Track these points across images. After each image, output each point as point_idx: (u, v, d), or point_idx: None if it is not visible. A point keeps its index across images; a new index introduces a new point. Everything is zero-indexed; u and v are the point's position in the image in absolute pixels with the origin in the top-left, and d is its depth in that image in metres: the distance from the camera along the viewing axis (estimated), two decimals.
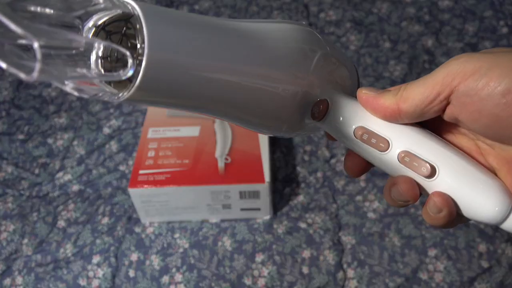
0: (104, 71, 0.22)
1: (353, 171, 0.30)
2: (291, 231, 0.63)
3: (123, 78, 0.21)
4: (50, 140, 0.77)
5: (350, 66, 0.32)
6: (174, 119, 0.68)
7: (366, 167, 0.30)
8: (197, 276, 0.60)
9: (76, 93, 0.21)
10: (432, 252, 0.60)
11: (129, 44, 0.22)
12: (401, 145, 0.27)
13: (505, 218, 0.25)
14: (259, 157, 0.62)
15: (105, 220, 0.66)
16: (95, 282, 0.60)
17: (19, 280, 0.61)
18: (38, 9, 0.19)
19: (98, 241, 0.63)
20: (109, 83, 0.23)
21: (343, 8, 0.95)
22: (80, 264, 0.61)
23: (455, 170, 0.26)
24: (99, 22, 0.22)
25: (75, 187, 0.71)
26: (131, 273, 0.60)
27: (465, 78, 0.24)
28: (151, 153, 0.63)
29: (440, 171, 0.26)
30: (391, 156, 0.27)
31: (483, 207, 0.25)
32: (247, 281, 0.59)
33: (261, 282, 0.59)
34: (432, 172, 0.26)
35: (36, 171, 0.73)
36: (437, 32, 0.88)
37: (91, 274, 0.60)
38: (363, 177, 0.68)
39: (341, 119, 0.28)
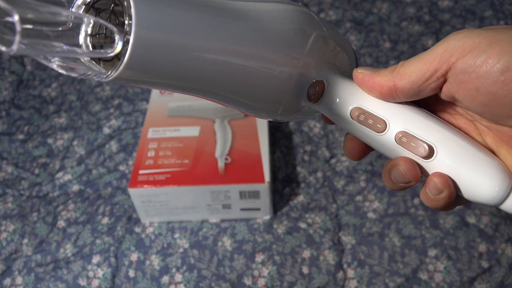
0: (93, 49, 0.22)
1: (353, 154, 0.30)
2: (291, 231, 0.63)
3: (110, 54, 0.21)
4: (50, 140, 0.77)
5: (349, 49, 0.32)
6: (174, 119, 0.68)
7: (365, 150, 0.30)
8: (197, 276, 0.60)
9: (63, 71, 0.21)
10: (432, 252, 0.60)
11: (117, 22, 0.22)
12: (398, 125, 0.26)
13: (504, 199, 0.24)
14: (259, 157, 0.62)
15: (105, 220, 0.66)
16: (95, 282, 0.60)
17: (19, 280, 0.61)
18: None
19: (98, 241, 0.63)
20: (98, 62, 0.22)
21: (343, 8, 0.95)
22: (80, 264, 0.61)
23: (454, 149, 0.25)
24: (88, 0, 0.22)
25: (75, 187, 0.71)
26: (131, 273, 0.60)
27: (463, 55, 0.23)
28: (151, 153, 0.63)
29: (438, 151, 0.25)
30: (389, 137, 0.26)
31: (483, 187, 0.24)
32: (247, 281, 0.59)
33: (261, 282, 0.59)
34: (430, 152, 0.25)
35: (36, 171, 0.73)
36: (437, 32, 0.88)
37: (91, 274, 0.60)
38: (363, 177, 0.68)
39: (337, 100, 0.28)
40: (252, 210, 0.63)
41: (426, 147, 0.25)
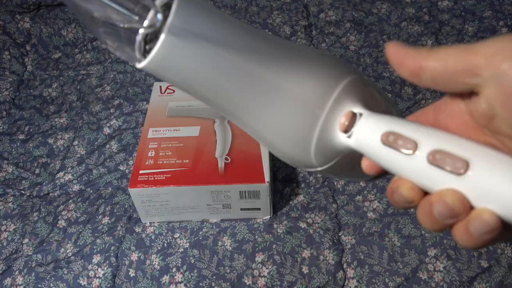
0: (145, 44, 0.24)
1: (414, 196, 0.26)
2: (291, 231, 0.63)
3: (150, 28, 0.23)
4: (50, 140, 0.77)
5: (389, 101, 0.32)
6: (174, 119, 0.68)
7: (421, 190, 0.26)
8: (197, 276, 0.60)
9: (110, 48, 0.24)
10: (431, 252, 0.60)
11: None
12: (429, 144, 0.24)
13: None
14: (259, 157, 0.62)
15: (106, 220, 0.66)
16: (96, 282, 0.60)
17: (19, 280, 0.61)
18: None
19: (98, 241, 0.64)
20: (143, 54, 0.24)
21: (343, 8, 0.95)
22: (80, 264, 0.61)
23: (492, 162, 0.22)
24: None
25: (76, 187, 0.71)
26: (132, 273, 0.60)
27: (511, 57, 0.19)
28: (151, 153, 0.63)
29: (476, 164, 0.22)
30: (421, 158, 0.24)
31: None
32: (247, 281, 0.59)
33: (261, 282, 0.59)
34: (466, 167, 0.22)
35: (37, 171, 0.73)
36: (437, 32, 0.88)
37: (91, 273, 0.61)
38: None
39: (368, 129, 0.27)
40: (252, 210, 0.63)
41: (463, 161, 0.22)
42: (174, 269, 0.60)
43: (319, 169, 0.29)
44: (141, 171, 0.61)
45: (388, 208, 0.65)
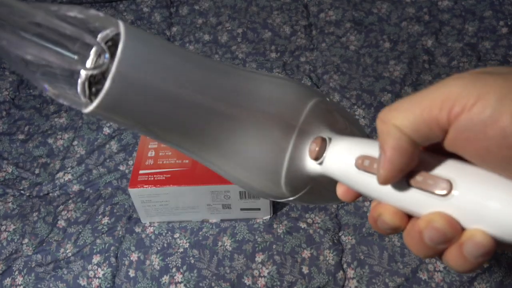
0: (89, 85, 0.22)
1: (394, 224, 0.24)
2: (291, 231, 0.63)
3: (96, 71, 0.20)
4: (50, 140, 0.77)
5: (355, 123, 0.31)
6: None
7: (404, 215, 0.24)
8: (197, 276, 0.60)
9: (54, 94, 0.21)
10: None
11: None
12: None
13: None
14: None
15: (105, 220, 0.66)
16: (95, 282, 0.60)
17: (19, 280, 0.61)
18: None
19: (98, 241, 0.64)
20: (90, 97, 0.22)
21: (343, 8, 0.95)
22: (80, 264, 0.61)
23: (474, 179, 0.21)
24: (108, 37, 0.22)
25: (75, 187, 0.71)
26: (131, 273, 0.60)
27: (467, 107, 0.19)
28: (151, 153, 0.63)
29: (458, 183, 0.21)
30: (400, 182, 0.23)
31: None
32: (247, 281, 0.59)
33: (261, 282, 0.59)
34: (450, 188, 0.21)
35: (37, 171, 0.73)
36: (437, 32, 0.88)
37: (91, 274, 0.61)
38: None
39: (341, 154, 0.26)
40: (252, 210, 0.63)
41: (446, 182, 0.21)
42: (174, 269, 0.60)
43: (291, 199, 0.28)
44: (141, 171, 0.61)
45: None
